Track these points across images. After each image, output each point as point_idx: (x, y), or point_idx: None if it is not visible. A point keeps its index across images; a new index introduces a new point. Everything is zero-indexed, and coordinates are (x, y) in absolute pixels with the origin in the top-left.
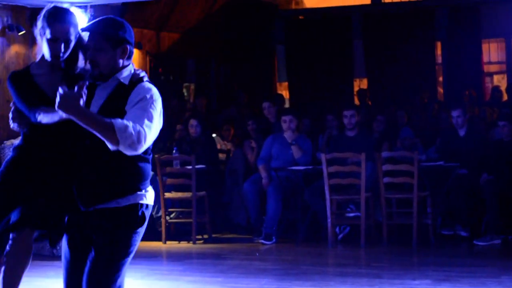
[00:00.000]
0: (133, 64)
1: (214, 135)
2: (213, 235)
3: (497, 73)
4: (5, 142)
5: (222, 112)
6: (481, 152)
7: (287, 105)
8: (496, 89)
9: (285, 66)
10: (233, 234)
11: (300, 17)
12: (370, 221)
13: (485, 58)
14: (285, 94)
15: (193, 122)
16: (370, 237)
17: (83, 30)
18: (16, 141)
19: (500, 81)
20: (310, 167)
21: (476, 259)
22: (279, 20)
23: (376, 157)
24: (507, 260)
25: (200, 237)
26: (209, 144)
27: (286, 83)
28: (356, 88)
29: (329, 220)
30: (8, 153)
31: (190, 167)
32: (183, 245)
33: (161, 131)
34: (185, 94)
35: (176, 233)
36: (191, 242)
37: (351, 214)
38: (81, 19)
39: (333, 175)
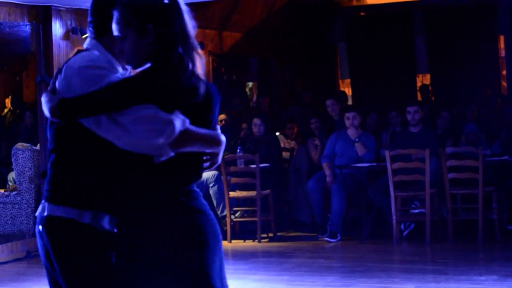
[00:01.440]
0: None
1: (277, 133)
2: (278, 234)
3: None
4: None
5: (285, 111)
6: None
7: (350, 102)
8: None
9: (347, 63)
10: (298, 232)
11: (362, 13)
12: (435, 217)
13: None
14: (348, 91)
15: (256, 121)
16: (436, 234)
17: None
18: None
19: None
20: (374, 164)
21: None
22: (341, 17)
23: (440, 152)
24: None
25: (265, 235)
26: (273, 142)
27: (348, 80)
28: (419, 84)
29: (394, 217)
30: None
31: (254, 166)
32: (248, 243)
33: (226, 130)
34: (248, 93)
35: (241, 232)
36: (256, 240)
37: (416, 211)
38: None
39: (397, 171)
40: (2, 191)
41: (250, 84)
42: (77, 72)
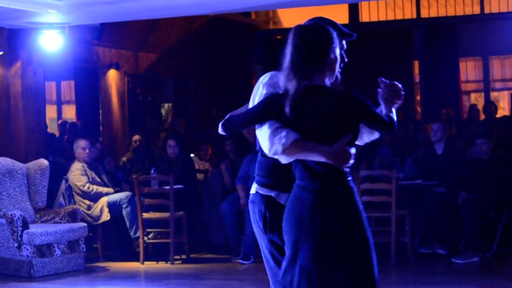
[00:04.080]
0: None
1: (192, 155)
2: (191, 255)
3: (474, 91)
4: None
5: (203, 132)
6: (459, 170)
7: None
8: (474, 107)
9: None
10: (211, 254)
11: (278, 36)
12: None
13: (463, 77)
14: None
15: (171, 142)
16: None
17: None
18: None
19: (477, 99)
20: None
21: (454, 277)
22: (257, 40)
23: (354, 176)
24: (485, 277)
25: (178, 257)
26: (187, 164)
27: None
28: None
29: None
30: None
31: (168, 187)
32: (161, 265)
33: (140, 151)
34: (163, 114)
35: (154, 253)
36: (169, 262)
37: None
38: (58, 40)
39: None
40: None
41: (166, 105)
42: (260, 86)
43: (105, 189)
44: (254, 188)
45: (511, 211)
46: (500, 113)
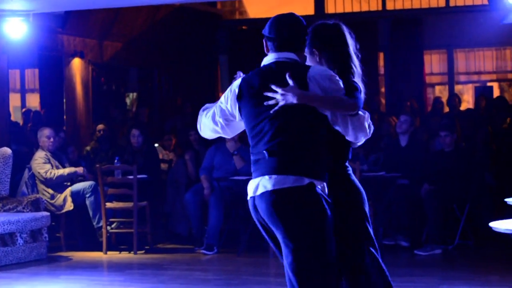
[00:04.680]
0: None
1: (156, 145)
2: (155, 246)
3: (438, 84)
4: None
5: (167, 122)
6: (422, 163)
7: None
8: (438, 100)
9: (228, 76)
10: (175, 245)
11: (244, 27)
12: None
13: (427, 69)
14: None
15: (135, 132)
16: None
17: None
18: None
19: (441, 92)
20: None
21: (417, 269)
22: (223, 30)
23: None
24: (447, 270)
25: (141, 247)
26: (151, 154)
27: None
28: None
29: None
30: None
31: (131, 177)
32: (124, 255)
33: (104, 140)
34: (128, 103)
35: (117, 243)
36: (132, 252)
37: None
38: (22, 28)
39: None
40: None
41: (131, 94)
42: (331, 78)
43: (66, 170)
44: (280, 182)
45: (474, 203)
46: (464, 106)
